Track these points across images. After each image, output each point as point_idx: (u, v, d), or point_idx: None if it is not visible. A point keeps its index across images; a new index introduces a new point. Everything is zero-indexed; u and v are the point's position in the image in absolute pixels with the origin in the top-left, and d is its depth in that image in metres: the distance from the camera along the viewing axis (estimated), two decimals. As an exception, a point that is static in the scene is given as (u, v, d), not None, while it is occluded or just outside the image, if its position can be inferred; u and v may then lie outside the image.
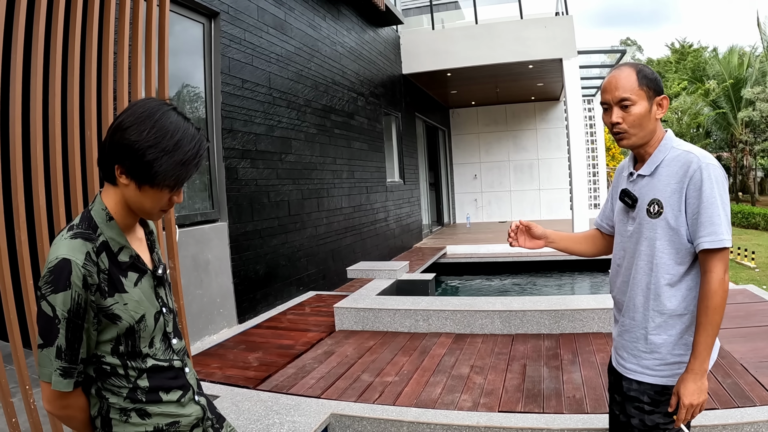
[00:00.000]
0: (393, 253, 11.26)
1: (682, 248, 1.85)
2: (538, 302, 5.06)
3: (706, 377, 1.82)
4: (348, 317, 5.30)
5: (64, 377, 1.31)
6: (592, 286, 9.90)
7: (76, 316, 1.29)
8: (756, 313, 4.95)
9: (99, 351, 1.38)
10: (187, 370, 1.56)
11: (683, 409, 1.82)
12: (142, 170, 1.33)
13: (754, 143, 24.79)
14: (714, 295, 1.78)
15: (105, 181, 1.42)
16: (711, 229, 1.77)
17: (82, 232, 1.36)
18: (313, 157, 7.76)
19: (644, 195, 1.91)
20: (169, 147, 1.33)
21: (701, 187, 1.78)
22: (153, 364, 1.44)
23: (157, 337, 1.47)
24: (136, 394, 1.42)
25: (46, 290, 1.28)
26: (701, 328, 1.80)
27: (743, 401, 3.19)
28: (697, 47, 36.95)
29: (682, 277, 1.88)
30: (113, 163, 1.35)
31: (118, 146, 1.33)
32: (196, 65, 5.56)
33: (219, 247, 5.56)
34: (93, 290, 1.32)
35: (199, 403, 1.57)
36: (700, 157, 1.82)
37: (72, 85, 2.92)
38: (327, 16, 8.58)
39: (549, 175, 18.02)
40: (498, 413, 3.26)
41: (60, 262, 1.28)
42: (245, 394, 3.73)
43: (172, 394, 1.48)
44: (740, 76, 25.26)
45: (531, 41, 11.51)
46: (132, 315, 1.39)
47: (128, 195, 1.39)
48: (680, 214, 1.83)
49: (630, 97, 1.85)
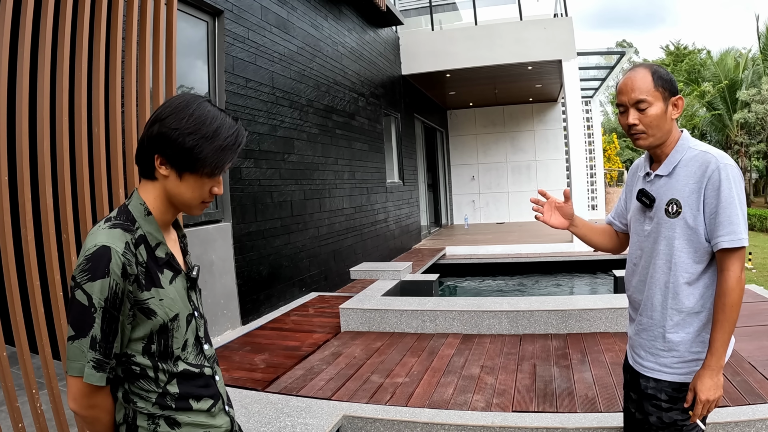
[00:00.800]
0: (393, 254, 11.23)
1: (700, 247, 1.87)
2: (545, 302, 5.03)
3: (721, 373, 1.85)
4: (354, 318, 5.25)
5: (97, 370, 1.25)
6: (592, 287, 9.88)
7: (112, 306, 1.25)
8: (760, 312, 4.95)
9: (130, 350, 1.33)
10: (218, 378, 1.51)
11: (699, 405, 1.85)
12: (183, 157, 1.31)
13: (749, 145, 24.92)
14: (731, 293, 1.81)
15: (142, 178, 1.39)
16: (730, 228, 1.80)
17: (120, 223, 1.32)
18: (315, 158, 7.73)
19: (662, 195, 1.93)
20: (209, 133, 1.32)
21: (720, 187, 1.80)
22: (184, 369, 1.39)
23: (190, 340, 1.42)
24: (166, 400, 1.36)
25: (82, 278, 1.23)
26: (718, 325, 1.83)
27: (754, 398, 3.21)
28: (692, 49, 37.12)
29: (700, 275, 1.90)
30: (153, 154, 1.33)
31: (157, 136, 1.31)
32: (200, 63, 5.52)
33: (223, 247, 5.51)
34: (131, 281, 1.27)
35: (229, 414, 1.52)
36: (718, 157, 1.84)
37: (80, 82, 2.88)
38: (329, 16, 8.55)
39: (547, 177, 18.02)
40: (512, 413, 3.23)
41: (99, 249, 1.24)
42: (254, 396, 3.68)
43: (203, 402, 1.42)
44: (735, 78, 25.39)
45: (530, 42, 11.50)
46: (167, 312, 1.35)
47: (169, 187, 1.36)
48: (698, 214, 1.85)
49: (646, 99, 1.87)
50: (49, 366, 2.68)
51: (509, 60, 11.67)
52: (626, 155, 34.13)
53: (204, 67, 5.54)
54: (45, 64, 2.70)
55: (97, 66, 2.96)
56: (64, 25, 2.79)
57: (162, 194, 1.38)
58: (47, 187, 2.72)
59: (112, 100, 3.06)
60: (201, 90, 5.52)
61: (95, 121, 2.96)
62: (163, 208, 1.39)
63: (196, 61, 5.46)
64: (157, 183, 1.37)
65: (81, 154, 2.89)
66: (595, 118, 19.10)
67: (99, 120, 2.96)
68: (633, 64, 2.13)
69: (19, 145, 2.59)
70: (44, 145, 2.71)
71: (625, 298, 4.76)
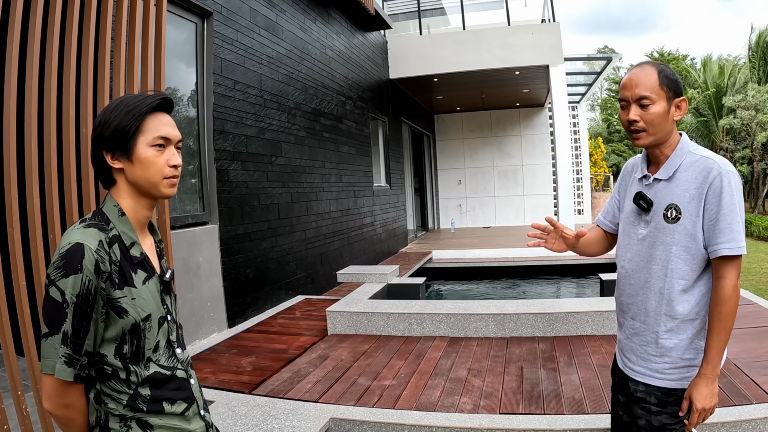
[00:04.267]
0: (379, 257, 11.23)
1: (698, 254, 1.84)
2: (531, 305, 5.06)
3: (717, 382, 1.83)
4: (341, 321, 5.25)
5: (68, 365, 1.26)
6: (578, 290, 9.95)
7: (84, 302, 1.26)
8: (746, 315, 5.02)
9: (103, 350, 1.33)
10: (192, 381, 1.50)
11: (695, 414, 1.83)
12: (117, 137, 1.36)
13: (734, 150, 25.18)
14: (728, 301, 1.78)
15: (108, 187, 1.44)
16: (730, 236, 1.77)
17: (95, 223, 1.35)
18: (302, 160, 7.72)
19: (661, 199, 1.89)
20: (120, 106, 1.38)
21: (721, 194, 1.77)
22: (155, 371, 1.39)
23: (161, 342, 1.43)
24: (137, 402, 1.36)
25: (56, 275, 1.25)
26: (714, 333, 1.80)
27: (740, 399, 3.26)
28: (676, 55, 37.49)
29: (695, 282, 1.87)
30: (101, 156, 1.39)
31: (94, 139, 1.39)
32: (189, 65, 5.50)
33: (210, 249, 5.48)
34: (104, 278, 1.29)
35: (204, 418, 1.51)
36: (721, 164, 1.81)
37: (69, 81, 2.86)
38: (317, 19, 8.56)
39: (533, 181, 18.13)
40: (500, 415, 3.24)
41: (73, 246, 1.27)
42: (241, 399, 3.67)
43: (176, 406, 1.42)
44: (722, 85, 25.68)
45: (518, 47, 11.57)
46: (138, 311, 1.35)
47: (129, 176, 1.40)
48: (698, 220, 1.82)
49: (649, 96, 1.82)
50: (35, 367, 2.66)
51: (497, 65, 11.73)
52: (612, 160, 34.40)
53: (192, 68, 5.52)
54: (33, 63, 2.68)
55: (86, 65, 2.95)
56: (53, 24, 2.78)
57: (129, 190, 1.41)
58: (34, 186, 2.70)
59: (101, 100, 3.05)
60: (188, 91, 5.50)
61: (83, 121, 2.94)
62: (135, 206, 1.42)
63: (184, 62, 5.44)
64: (120, 182, 1.41)
65: (69, 153, 2.87)
66: (581, 123, 19.26)
67: (87, 120, 2.94)
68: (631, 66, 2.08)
69: (6, 144, 2.57)
70: (32, 144, 2.69)
71: (611, 301, 4.82)
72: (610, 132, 39.26)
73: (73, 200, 2.89)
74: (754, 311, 5.16)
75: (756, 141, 23.02)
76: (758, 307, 5.31)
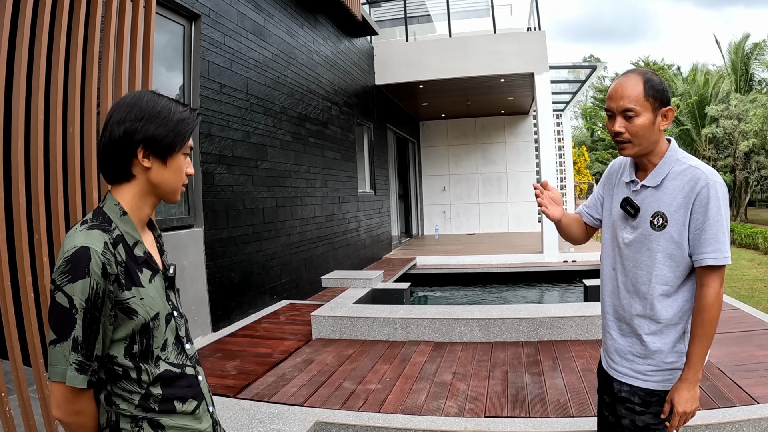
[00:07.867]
0: (364, 263, 11.23)
1: (682, 262, 1.86)
2: (516, 310, 5.09)
3: (698, 386, 1.87)
4: (325, 325, 5.24)
5: (79, 372, 1.23)
6: (562, 295, 10.01)
7: (93, 306, 1.23)
8: (728, 320, 5.10)
9: (112, 351, 1.31)
10: (201, 378, 1.49)
11: (677, 417, 1.86)
12: (164, 143, 1.36)
13: (717, 159, 25.55)
14: (711, 309, 1.81)
15: (114, 182, 1.40)
16: (716, 246, 1.79)
17: (97, 224, 1.32)
18: (287, 165, 7.71)
19: (648, 206, 1.91)
20: (171, 112, 1.39)
21: (708, 204, 1.79)
22: (165, 369, 1.38)
23: (170, 339, 1.42)
24: (149, 402, 1.34)
25: (62, 280, 1.22)
26: (696, 340, 1.83)
27: (723, 402, 3.32)
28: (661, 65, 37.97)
29: (679, 288, 1.90)
30: (130, 152, 1.35)
31: (126, 134, 1.34)
32: (176, 67, 5.48)
33: (194, 253, 5.46)
34: (111, 280, 1.26)
35: (213, 415, 1.51)
36: (708, 174, 1.82)
37: (56, 81, 2.84)
38: (305, 24, 8.57)
39: (517, 188, 18.23)
40: (485, 418, 3.26)
41: (79, 249, 1.24)
42: (225, 402, 3.65)
43: (187, 404, 1.41)
44: (705, 94, 26.06)
45: (503, 55, 11.65)
46: (148, 311, 1.34)
47: (153, 177, 1.38)
48: (684, 229, 1.84)
49: (634, 108, 1.82)
50: (18, 370, 2.62)
51: (482, 72, 11.79)
52: (596, 168, 34.72)
53: (179, 70, 5.51)
54: (21, 62, 2.66)
55: (74, 65, 2.93)
56: (42, 23, 2.76)
57: (140, 190, 1.39)
58: (20, 186, 2.67)
59: (88, 100, 3.03)
60: (175, 94, 5.48)
61: (70, 121, 2.92)
62: (140, 205, 1.41)
63: (171, 64, 5.43)
64: (134, 181, 1.39)
65: (55, 153, 2.84)
66: (566, 131, 19.40)
67: (74, 120, 2.92)
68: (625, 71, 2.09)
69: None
70: (18, 143, 2.66)
71: (595, 306, 4.87)
72: (594, 140, 39.67)
73: (59, 200, 2.86)
74: (737, 316, 5.26)
75: (738, 150, 23.39)
76: (741, 312, 5.42)
